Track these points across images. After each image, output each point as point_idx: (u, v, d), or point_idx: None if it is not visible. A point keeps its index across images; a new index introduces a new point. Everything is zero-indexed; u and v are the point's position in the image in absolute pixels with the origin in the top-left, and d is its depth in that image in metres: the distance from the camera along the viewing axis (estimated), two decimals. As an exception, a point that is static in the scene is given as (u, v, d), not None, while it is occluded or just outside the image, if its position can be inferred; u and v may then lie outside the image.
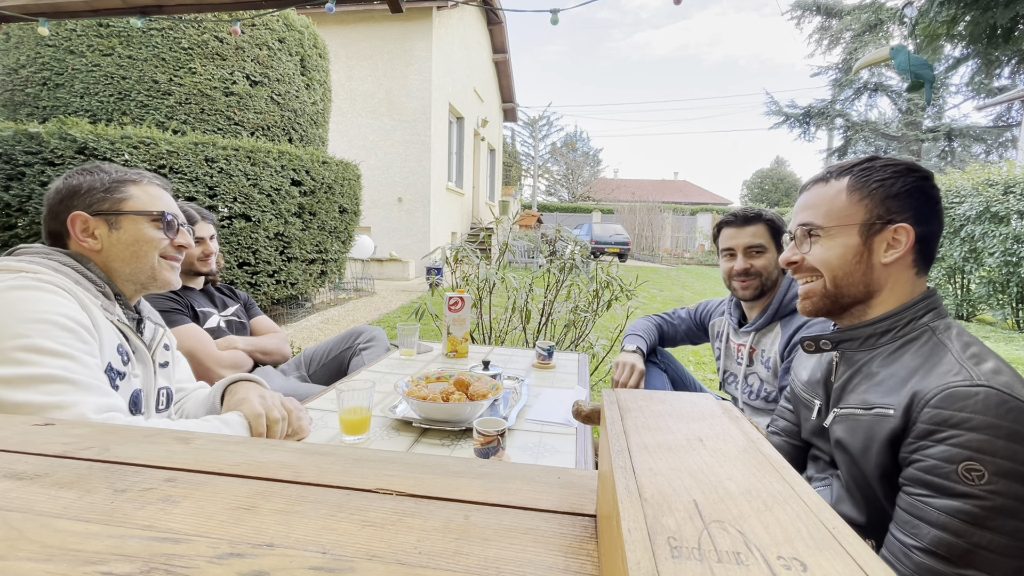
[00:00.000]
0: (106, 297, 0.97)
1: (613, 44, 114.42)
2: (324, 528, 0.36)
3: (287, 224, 4.65)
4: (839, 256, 0.88)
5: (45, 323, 0.81)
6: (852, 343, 0.89)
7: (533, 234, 9.89)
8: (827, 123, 15.97)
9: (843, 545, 0.23)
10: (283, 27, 5.32)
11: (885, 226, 0.85)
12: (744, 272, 1.50)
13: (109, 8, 2.57)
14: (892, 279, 0.86)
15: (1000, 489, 0.66)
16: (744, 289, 1.52)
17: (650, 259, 16.90)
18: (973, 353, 0.76)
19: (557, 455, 1.09)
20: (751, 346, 1.55)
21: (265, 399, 1.04)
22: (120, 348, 0.96)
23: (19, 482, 0.42)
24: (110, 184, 1.00)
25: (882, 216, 0.85)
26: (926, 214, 0.85)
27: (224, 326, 1.83)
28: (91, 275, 0.96)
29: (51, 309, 0.83)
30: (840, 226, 0.88)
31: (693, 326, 1.89)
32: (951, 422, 0.70)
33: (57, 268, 0.92)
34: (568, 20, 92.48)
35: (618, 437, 0.35)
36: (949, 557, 0.68)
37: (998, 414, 0.68)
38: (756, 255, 1.50)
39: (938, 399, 0.72)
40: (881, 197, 0.85)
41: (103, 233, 0.99)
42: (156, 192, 1.05)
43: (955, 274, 6.41)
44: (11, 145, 3.53)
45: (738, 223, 1.54)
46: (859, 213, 0.86)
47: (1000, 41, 2.51)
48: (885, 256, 0.85)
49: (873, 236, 0.86)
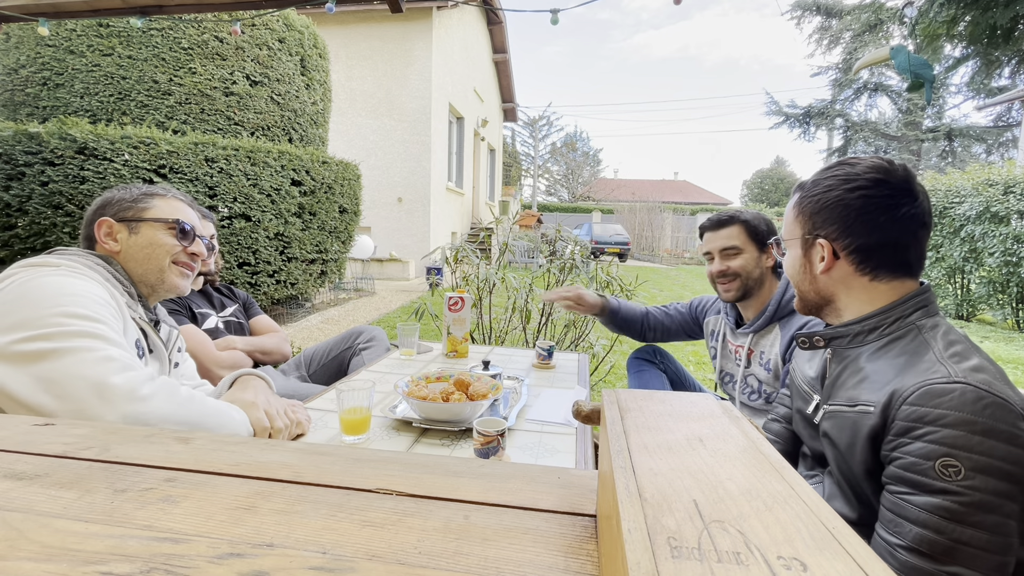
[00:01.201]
0: (130, 296, 1.05)
1: (614, 45, 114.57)
2: (324, 528, 0.36)
3: (287, 224, 4.65)
4: (791, 266, 0.98)
5: (80, 295, 0.90)
6: (842, 340, 0.91)
7: (533, 234, 9.88)
8: (827, 123, 15.97)
9: (843, 545, 0.23)
10: (283, 27, 5.32)
11: (816, 240, 0.91)
12: (721, 273, 1.53)
13: (109, 8, 2.57)
14: (841, 285, 0.90)
15: (978, 484, 0.67)
16: (726, 291, 1.55)
17: (650, 259, 16.89)
18: (955, 351, 0.76)
19: (557, 455, 1.09)
20: (749, 347, 1.55)
21: (271, 406, 1.07)
22: (138, 343, 1.02)
23: (19, 482, 0.42)
24: (138, 196, 1.12)
25: (811, 231, 0.92)
26: (850, 224, 0.87)
27: (222, 327, 1.83)
28: (118, 275, 1.05)
29: (86, 288, 0.93)
30: (790, 239, 0.97)
31: (689, 319, 1.88)
32: (927, 419, 0.71)
33: (91, 266, 1.00)
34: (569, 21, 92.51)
35: (618, 437, 0.35)
36: (932, 554, 0.68)
37: (974, 410, 0.68)
38: (732, 256, 1.53)
39: (915, 396, 0.73)
40: (809, 212, 0.92)
41: (123, 236, 1.08)
42: (177, 205, 1.15)
43: (955, 274, 6.41)
44: (11, 145, 3.53)
45: (713, 227, 1.58)
46: (798, 228, 0.94)
47: (1000, 41, 2.51)
48: (819, 267, 0.91)
49: (809, 249, 0.93)
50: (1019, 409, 0.70)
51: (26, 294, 0.87)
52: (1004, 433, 0.67)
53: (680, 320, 1.90)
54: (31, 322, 0.84)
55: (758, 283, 1.52)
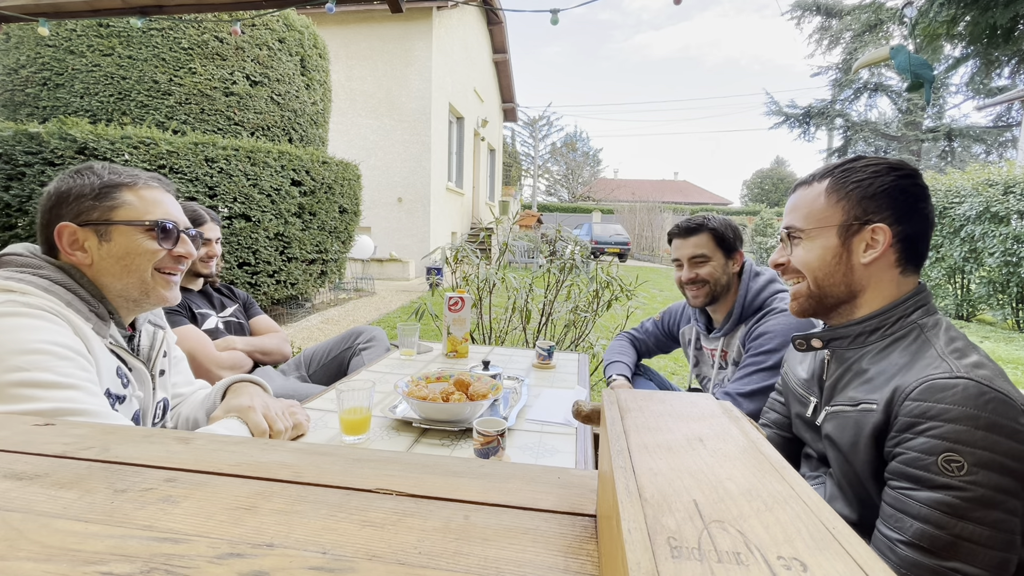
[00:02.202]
0: (99, 317, 0.90)
1: (615, 45, 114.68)
2: (324, 528, 0.36)
3: (287, 224, 4.65)
4: (819, 258, 0.89)
5: (40, 354, 0.76)
6: (842, 341, 0.90)
7: (533, 234, 9.89)
8: (827, 123, 15.97)
9: (843, 545, 0.23)
10: (283, 27, 5.32)
11: (863, 227, 0.85)
12: (691, 281, 1.57)
13: (109, 8, 2.57)
14: (874, 279, 0.86)
15: (980, 480, 0.66)
16: (695, 297, 1.59)
17: (650, 259, 16.89)
18: (956, 348, 0.77)
19: (557, 455, 1.09)
20: (723, 349, 1.61)
21: (269, 408, 1.02)
22: (119, 371, 0.91)
23: (19, 482, 0.42)
24: (100, 189, 0.90)
25: (859, 217, 0.86)
26: (906, 212, 0.85)
27: (222, 327, 1.83)
28: (83, 292, 0.88)
29: (44, 338, 0.78)
30: (819, 228, 0.89)
31: (661, 335, 1.93)
32: (930, 414, 0.71)
33: (48, 288, 0.84)
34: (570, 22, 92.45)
35: (618, 437, 0.35)
36: (932, 549, 0.68)
37: (977, 405, 0.68)
38: (700, 264, 1.56)
39: (918, 392, 0.73)
40: (858, 198, 0.86)
41: (92, 245, 0.90)
42: (153, 196, 0.95)
43: (955, 274, 6.41)
44: (11, 145, 3.53)
45: (681, 234, 1.61)
46: (837, 215, 0.87)
47: (1000, 41, 2.51)
48: (864, 256, 0.86)
49: (851, 237, 0.86)
50: (1020, 405, 0.69)
51: None
52: (1006, 428, 0.67)
53: (653, 339, 1.95)
54: None
55: (725, 288, 1.57)
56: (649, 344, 1.96)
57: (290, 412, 1.09)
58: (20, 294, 0.81)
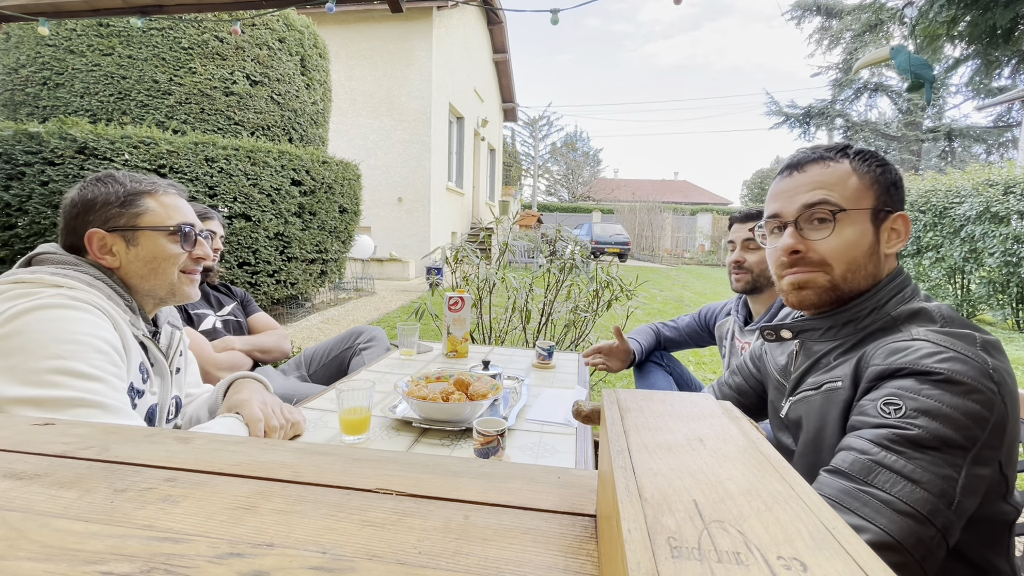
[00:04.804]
0: (132, 312, 0.97)
1: (625, 55, 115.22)
2: (324, 528, 0.36)
3: (287, 224, 4.65)
4: (855, 245, 0.79)
5: (81, 344, 0.81)
6: (813, 333, 0.85)
7: (533, 234, 9.89)
8: (827, 123, 15.99)
9: (843, 545, 0.23)
10: (283, 27, 5.32)
11: (888, 214, 0.80)
12: (737, 264, 1.59)
13: (109, 8, 2.57)
14: (887, 271, 0.82)
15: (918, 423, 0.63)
16: (737, 281, 1.61)
17: (650, 259, 16.89)
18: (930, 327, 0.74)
19: (557, 455, 1.09)
20: None
21: (266, 404, 1.05)
22: (142, 366, 0.95)
23: (19, 482, 0.42)
24: (125, 197, 0.97)
25: (887, 204, 0.80)
26: (902, 202, 0.84)
27: (221, 326, 1.83)
28: (119, 289, 0.95)
29: (87, 331, 0.83)
30: (858, 210, 0.79)
31: (698, 328, 1.94)
32: (885, 374, 0.69)
33: (90, 283, 0.90)
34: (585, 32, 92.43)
35: (618, 437, 0.35)
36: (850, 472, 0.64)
37: (933, 362, 0.66)
38: (751, 250, 1.59)
39: (878, 355, 0.72)
40: (885, 184, 0.80)
41: (121, 250, 0.97)
42: (172, 202, 1.03)
43: (955, 274, 6.41)
44: (11, 145, 3.53)
45: (742, 219, 1.64)
46: (869, 198, 0.79)
47: (1000, 41, 2.52)
48: (888, 246, 0.81)
49: (880, 224, 0.80)
50: (982, 366, 0.66)
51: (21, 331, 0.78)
52: (961, 387, 0.64)
53: (688, 331, 1.96)
54: (24, 374, 0.76)
55: (769, 281, 1.56)
56: (681, 334, 1.97)
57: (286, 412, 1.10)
58: (68, 288, 0.86)
